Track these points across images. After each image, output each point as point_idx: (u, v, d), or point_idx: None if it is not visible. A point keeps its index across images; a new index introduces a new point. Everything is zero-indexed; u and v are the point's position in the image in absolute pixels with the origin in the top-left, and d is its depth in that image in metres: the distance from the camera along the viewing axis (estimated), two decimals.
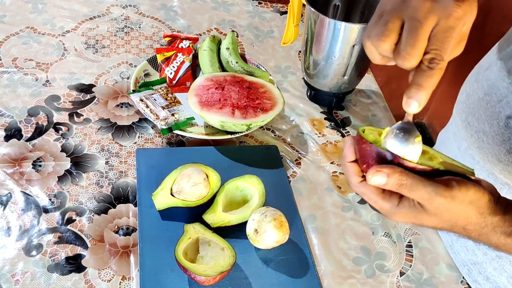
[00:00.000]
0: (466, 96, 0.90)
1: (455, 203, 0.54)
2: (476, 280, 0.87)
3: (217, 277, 0.74)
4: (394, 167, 0.54)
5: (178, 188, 0.83)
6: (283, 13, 1.40)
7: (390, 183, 0.54)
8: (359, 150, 0.59)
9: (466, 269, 0.89)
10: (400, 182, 0.54)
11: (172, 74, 1.07)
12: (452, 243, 0.91)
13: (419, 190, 0.54)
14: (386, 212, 0.59)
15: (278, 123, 1.08)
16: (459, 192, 0.53)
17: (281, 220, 0.80)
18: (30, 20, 1.22)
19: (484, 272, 0.85)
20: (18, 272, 0.76)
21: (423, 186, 0.53)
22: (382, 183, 0.54)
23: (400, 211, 0.57)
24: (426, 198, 0.54)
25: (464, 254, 0.88)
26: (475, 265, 0.86)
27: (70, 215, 0.84)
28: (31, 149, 0.93)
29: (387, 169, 0.54)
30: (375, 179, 0.54)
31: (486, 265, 0.84)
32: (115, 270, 0.78)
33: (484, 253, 0.84)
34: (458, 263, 0.90)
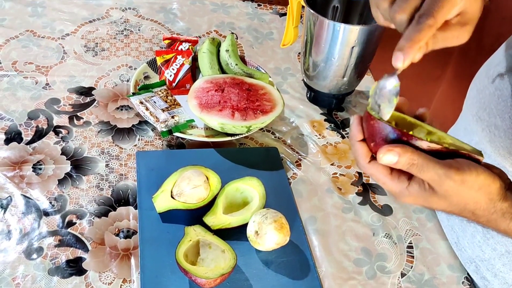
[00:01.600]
0: (477, 91, 0.90)
1: (465, 187, 0.54)
2: (484, 277, 0.86)
3: (218, 279, 0.74)
4: (405, 146, 0.54)
5: (178, 191, 0.83)
6: (282, 15, 1.40)
7: (402, 162, 0.53)
8: (367, 127, 0.58)
9: (474, 265, 0.88)
10: (412, 161, 0.53)
11: (172, 77, 1.08)
12: (458, 240, 0.91)
13: (429, 171, 0.53)
14: (395, 193, 0.58)
15: (278, 125, 1.08)
16: (469, 176, 0.53)
17: (281, 222, 0.80)
18: (30, 24, 1.22)
19: (492, 269, 0.84)
20: (18, 276, 0.76)
21: (434, 167, 0.53)
22: (393, 162, 0.54)
23: (409, 192, 0.57)
24: (436, 180, 0.54)
25: (471, 250, 0.87)
26: (483, 261, 0.85)
27: (71, 218, 0.84)
28: (31, 152, 0.93)
29: (398, 148, 0.53)
30: (386, 157, 0.54)
31: (495, 261, 0.83)
32: (116, 273, 0.78)
33: (493, 248, 0.82)
34: (464, 260, 0.89)
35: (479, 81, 0.91)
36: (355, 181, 0.99)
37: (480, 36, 1.96)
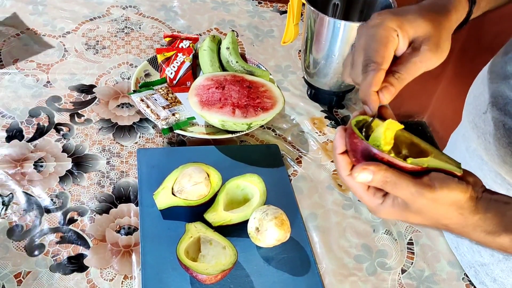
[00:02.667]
0: (473, 97, 0.91)
1: (437, 205, 0.55)
2: (483, 282, 0.87)
3: (218, 276, 0.74)
4: (379, 165, 0.55)
5: (179, 188, 0.84)
6: (283, 12, 1.41)
7: (375, 180, 0.55)
8: (350, 143, 0.59)
9: (473, 270, 0.88)
10: (385, 179, 0.55)
11: (173, 74, 1.08)
12: (457, 245, 0.91)
13: (403, 189, 0.55)
14: (371, 208, 0.60)
15: (279, 122, 1.08)
16: (441, 193, 0.54)
17: (282, 219, 0.80)
18: (31, 22, 1.22)
19: (491, 274, 0.85)
20: (20, 272, 0.76)
21: (407, 185, 0.54)
22: (367, 180, 0.55)
23: (384, 208, 0.58)
24: (409, 198, 0.55)
25: (471, 255, 0.88)
26: (482, 266, 0.86)
27: (72, 215, 0.85)
28: (32, 150, 0.93)
29: (373, 166, 0.55)
30: (361, 176, 0.55)
31: (493, 266, 0.83)
32: (117, 269, 0.79)
33: (491, 254, 0.83)
34: (464, 264, 0.90)
35: (476, 87, 0.91)
36: None
37: (479, 35, 1.96)
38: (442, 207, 0.55)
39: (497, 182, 0.82)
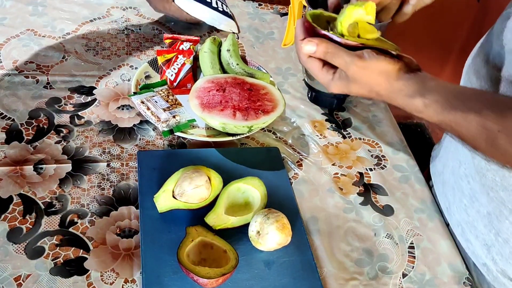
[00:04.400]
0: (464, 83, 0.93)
1: (367, 71, 0.69)
2: (468, 239, 0.90)
3: (219, 279, 0.74)
4: (322, 39, 0.70)
5: (180, 191, 0.83)
6: (283, 14, 1.40)
7: (318, 50, 0.70)
8: (304, 28, 0.73)
9: (460, 229, 0.93)
10: (326, 50, 0.70)
11: (173, 76, 1.07)
12: (449, 205, 0.96)
13: (338, 57, 0.69)
14: (325, 83, 0.75)
15: (279, 125, 1.08)
16: (370, 62, 0.68)
17: (283, 222, 0.80)
18: (31, 23, 1.22)
19: (474, 231, 0.89)
20: (20, 275, 0.76)
21: (342, 55, 0.69)
22: (312, 50, 0.70)
23: (334, 82, 0.73)
24: (343, 65, 0.70)
25: (459, 214, 0.92)
26: (467, 224, 0.90)
27: (72, 218, 0.84)
28: (32, 152, 0.93)
29: (316, 39, 0.70)
30: (307, 47, 0.71)
31: (477, 223, 0.87)
32: (118, 272, 0.78)
33: (477, 211, 0.87)
34: (453, 223, 0.94)
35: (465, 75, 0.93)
36: (356, 181, 0.99)
37: (478, 34, 1.96)
38: (372, 74, 0.70)
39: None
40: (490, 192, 0.83)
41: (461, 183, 0.91)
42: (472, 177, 0.87)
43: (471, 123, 0.66)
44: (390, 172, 1.02)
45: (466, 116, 0.66)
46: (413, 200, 0.97)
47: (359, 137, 1.09)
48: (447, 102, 0.68)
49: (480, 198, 0.86)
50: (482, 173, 0.84)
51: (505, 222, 0.82)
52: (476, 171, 0.86)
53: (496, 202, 0.82)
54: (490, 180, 0.83)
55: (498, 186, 0.81)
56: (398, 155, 1.06)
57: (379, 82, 0.70)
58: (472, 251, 0.90)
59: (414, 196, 0.98)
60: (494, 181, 0.82)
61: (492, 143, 0.66)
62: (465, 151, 0.89)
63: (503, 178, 0.80)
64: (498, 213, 0.83)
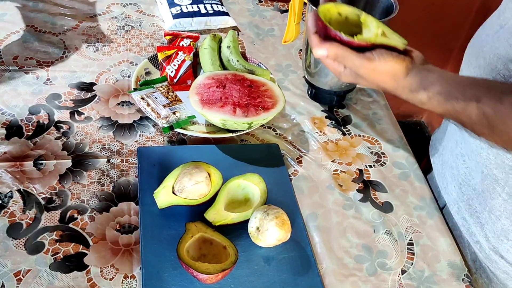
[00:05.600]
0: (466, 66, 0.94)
1: (375, 73, 0.73)
2: (464, 217, 0.93)
3: (219, 275, 0.74)
4: (332, 43, 0.73)
5: (179, 187, 0.83)
6: (284, 11, 1.40)
7: (329, 55, 0.73)
8: (316, 25, 0.76)
9: (456, 207, 0.96)
10: (336, 54, 0.73)
11: (173, 73, 1.07)
12: (446, 185, 0.99)
13: (349, 61, 0.73)
14: (337, 74, 0.78)
15: (279, 122, 1.08)
16: (378, 64, 0.71)
17: (283, 218, 0.80)
18: (31, 19, 1.22)
19: (469, 209, 0.92)
20: (20, 271, 0.76)
21: (352, 59, 0.72)
22: (324, 55, 0.74)
23: (344, 74, 0.77)
24: (354, 67, 0.74)
25: (456, 193, 0.95)
26: (463, 202, 0.93)
27: (72, 214, 0.84)
28: (32, 148, 0.93)
29: (327, 44, 0.73)
30: (319, 52, 0.74)
31: (473, 201, 0.90)
32: (117, 268, 0.78)
33: (472, 189, 0.90)
34: (450, 202, 0.98)
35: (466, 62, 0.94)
36: (356, 178, 0.99)
37: None
38: (379, 75, 0.73)
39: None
40: (484, 170, 0.85)
41: (457, 162, 0.93)
42: (468, 156, 0.90)
43: (472, 111, 0.68)
44: (390, 169, 1.02)
45: (466, 104, 0.69)
46: (412, 197, 0.98)
47: (359, 134, 1.09)
48: (448, 93, 0.71)
49: (475, 176, 0.88)
50: (477, 151, 0.86)
51: (498, 198, 0.84)
52: (471, 150, 0.88)
53: (490, 180, 0.85)
54: (485, 158, 0.85)
55: (492, 164, 0.83)
56: (397, 152, 1.06)
57: (386, 81, 0.74)
58: (467, 229, 0.93)
59: (413, 193, 0.98)
60: (488, 159, 0.84)
61: (492, 128, 0.68)
62: (462, 131, 0.91)
63: (497, 156, 0.82)
64: (491, 190, 0.85)
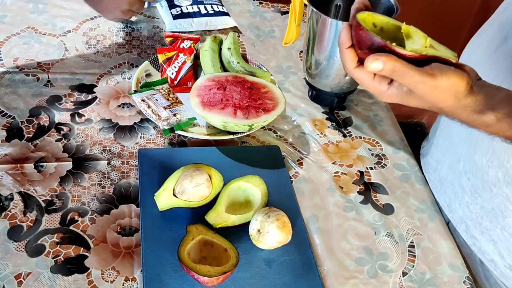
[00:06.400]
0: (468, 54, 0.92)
1: (436, 91, 0.63)
2: (473, 236, 0.91)
3: (220, 278, 0.74)
4: (389, 55, 0.61)
5: (180, 189, 0.83)
6: (284, 13, 1.40)
7: (385, 69, 0.62)
8: (356, 36, 0.65)
9: (464, 225, 0.93)
10: (394, 68, 0.61)
11: (174, 74, 1.07)
12: (449, 202, 0.96)
13: (408, 77, 0.62)
14: (377, 94, 0.68)
15: (280, 123, 1.08)
16: (441, 81, 0.62)
17: (284, 221, 0.80)
18: (31, 20, 1.22)
19: (479, 227, 0.89)
20: (21, 273, 0.76)
21: (412, 75, 0.62)
22: (378, 69, 0.62)
23: (388, 94, 0.67)
24: (413, 85, 0.63)
25: (462, 211, 0.92)
26: (471, 220, 0.90)
27: (73, 216, 0.84)
28: (33, 150, 0.93)
29: (383, 57, 0.61)
30: (373, 65, 0.62)
31: (482, 219, 0.88)
32: (118, 270, 0.78)
33: (481, 207, 0.88)
34: (456, 221, 0.95)
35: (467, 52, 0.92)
36: (356, 180, 0.99)
37: None
38: (441, 93, 0.64)
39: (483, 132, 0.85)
40: (494, 188, 0.84)
41: (461, 179, 0.91)
42: (472, 173, 0.88)
43: None
44: (391, 171, 1.02)
45: None
46: (413, 199, 0.97)
47: (359, 136, 1.09)
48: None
49: (482, 194, 0.87)
50: (484, 170, 0.84)
51: (511, 217, 0.83)
52: (476, 168, 0.86)
53: (500, 198, 0.83)
54: (493, 177, 0.83)
55: (501, 182, 0.82)
56: (398, 154, 1.06)
57: (446, 99, 0.65)
58: (479, 248, 0.90)
59: (414, 195, 0.98)
60: (496, 178, 0.82)
61: None
62: (463, 147, 0.89)
63: (506, 174, 0.81)
64: (503, 208, 0.83)
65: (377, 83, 0.66)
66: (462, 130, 0.89)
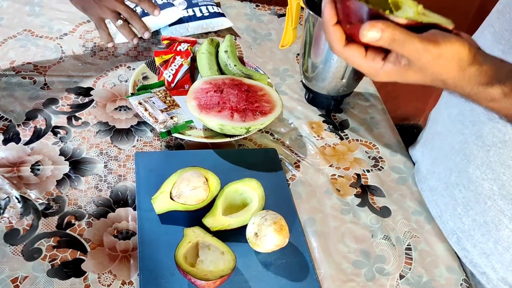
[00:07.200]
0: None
1: (440, 59, 0.57)
2: (465, 248, 0.89)
3: (217, 281, 0.73)
4: (387, 22, 0.54)
5: (177, 192, 0.83)
6: (281, 15, 1.40)
7: (384, 37, 0.54)
8: (343, 8, 0.58)
9: (455, 237, 0.91)
10: (393, 37, 0.55)
11: (171, 77, 1.07)
12: (441, 213, 0.94)
13: (409, 46, 0.55)
14: (370, 74, 0.61)
15: (277, 126, 1.08)
16: (444, 48, 0.56)
17: (281, 224, 0.80)
18: (28, 23, 1.21)
19: (471, 240, 0.87)
20: (17, 277, 0.75)
21: (413, 42, 0.55)
22: (376, 38, 0.55)
23: (384, 71, 0.59)
24: (415, 55, 0.56)
25: (453, 223, 0.90)
26: (463, 233, 0.88)
27: (69, 219, 0.84)
28: (29, 153, 0.93)
29: (381, 24, 0.54)
30: (370, 33, 0.54)
31: (474, 232, 0.86)
32: (115, 274, 0.78)
33: (473, 219, 0.86)
34: (447, 232, 0.92)
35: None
36: (353, 182, 0.99)
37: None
38: (445, 62, 0.57)
39: (477, 144, 0.83)
40: (488, 201, 0.82)
41: (453, 191, 0.89)
42: (464, 185, 0.86)
43: None
44: (388, 174, 1.02)
45: None
46: (410, 202, 0.98)
47: (356, 139, 1.09)
48: None
49: (475, 207, 0.85)
50: (478, 183, 0.83)
51: (505, 230, 0.81)
52: (470, 180, 0.85)
53: (495, 211, 0.81)
54: (487, 189, 0.82)
55: (496, 195, 0.81)
56: (395, 157, 1.06)
57: (450, 69, 0.58)
58: (470, 260, 0.89)
59: (411, 198, 0.98)
60: (491, 190, 0.81)
61: None
62: (455, 159, 0.88)
63: (501, 187, 0.80)
64: (497, 221, 0.82)
65: (370, 61, 0.59)
66: (455, 141, 0.88)
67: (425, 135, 1.03)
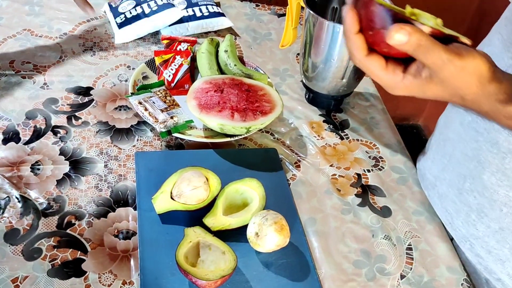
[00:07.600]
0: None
1: (462, 73, 0.55)
2: (479, 254, 0.88)
3: (218, 281, 0.73)
4: (415, 27, 0.53)
5: (178, 192, 0.83)
6: (281, 15, 1.40)
7: (411, 41, 0.53)
8: (366, 14, 0.55)
9: (468, 244, 0.89)
10: (420, 42, 0.53)
11: (171, 77, 1.07)
12: (452, 220, 0.92)
13: (434, 54, 0.54)
14: (390, 86, 0.60)
15: (277, 126, 1.08)
16: (467, 61, 0.55)
17: (281, 224, 0.80)
18: (27, 23, 1.21)
19: (486, 246, 0.86)
20: (18, 277, 0.75)
21: (439, 51, 0.54)
22: (403, 41, 0.53)
23: (403, 84, 0.58)
24: (439, 65, 0.55)
25: (465, 229, 0.89)
26: (477, 239, 0.87)
27: (70, 219, 0.84)
28: (29, 153, 0.92)
29: (409, 27, 0.53)
30: (397, 36, 0.53)
31: (489, 238, 0.84)
32: (116, 274, 0.78)
33: (487, 226, 0.84)
34: (459, 239, 0.91)
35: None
36: (354, 182, 0.99)
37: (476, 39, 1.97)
38: (466, 76, 0.56)
39: (492, 152, 0.82)
40: (504, 208, 0.80)
41: (467, 197, 0.87)
42: (478, 192, 0.84)
43: None
44: (388, 174, 1.02)
45: None
46: (411, 202, 0.98)
47: (356, 138, 1.09)
48: None
49: (489, 213, 0.83)
50: (493, 189, 0.81)
51: None
52: (485, 186, 0.83)
53: (511, 218, 0.80)
54: (503, 196, 0.80)
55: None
56: (396, 157, 1.06)
57: (470, 85, 0.57)
58: (485, 267, 0.87)
59: (412, 197, 0.98)
60: (507, 197, 0.79)
61: None
62: (469, 165, 0.86)
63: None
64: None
65: (391, 72, 0.58)
66: (469, 148, 0.86)
67: (435, 141, 1.01)
